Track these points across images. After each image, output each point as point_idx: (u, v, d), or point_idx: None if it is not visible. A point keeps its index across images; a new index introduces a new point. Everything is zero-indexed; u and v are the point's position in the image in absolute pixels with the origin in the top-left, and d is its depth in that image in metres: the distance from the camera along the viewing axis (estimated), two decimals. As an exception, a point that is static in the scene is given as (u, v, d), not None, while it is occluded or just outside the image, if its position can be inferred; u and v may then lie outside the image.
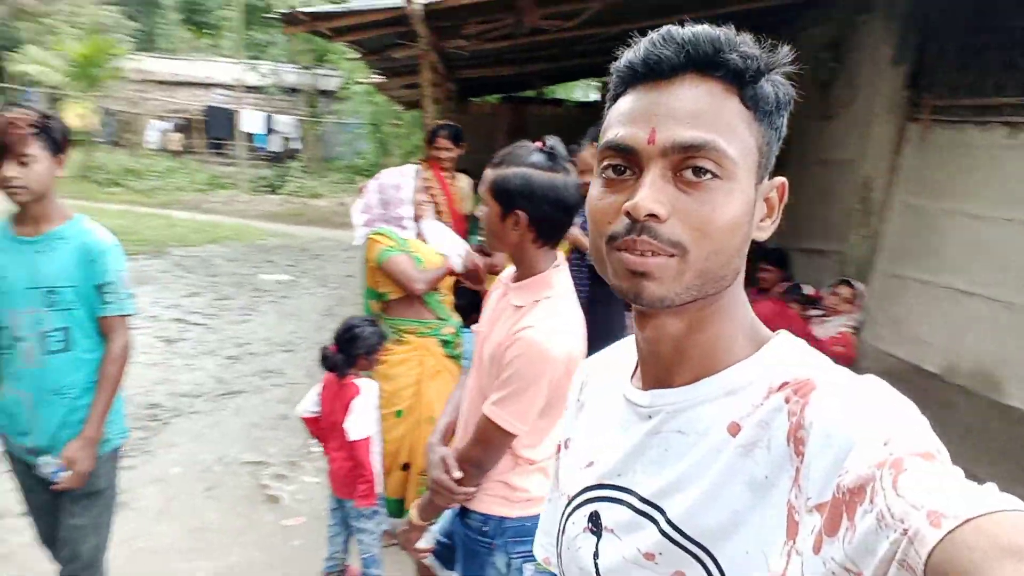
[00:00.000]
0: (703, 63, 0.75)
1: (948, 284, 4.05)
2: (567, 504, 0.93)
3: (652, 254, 0.73)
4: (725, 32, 0.76)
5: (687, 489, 0.76)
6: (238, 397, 5.69)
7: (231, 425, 5.14)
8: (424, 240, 3.55)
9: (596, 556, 0.85)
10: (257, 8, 22.18)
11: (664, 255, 0.73)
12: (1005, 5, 3.81)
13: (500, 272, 2.27)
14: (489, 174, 1.90)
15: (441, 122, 4.80)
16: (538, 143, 1.89)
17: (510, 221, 1.86)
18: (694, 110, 0.73)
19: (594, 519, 0.87)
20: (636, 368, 0.90)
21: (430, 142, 4.57)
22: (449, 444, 2.07)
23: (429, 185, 3.49)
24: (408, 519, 2.07)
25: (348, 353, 2.96)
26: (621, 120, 0.77)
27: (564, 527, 0.92)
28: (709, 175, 0.73)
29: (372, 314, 3.42)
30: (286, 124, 23.33)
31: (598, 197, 0.79)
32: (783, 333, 0.84)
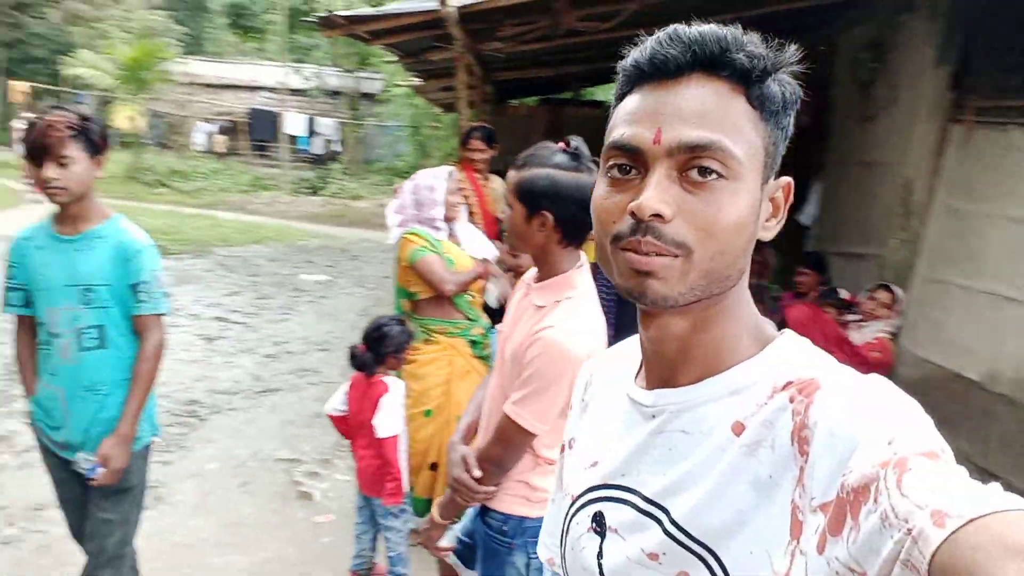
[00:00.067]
0: (709, 63, 0.74)
1: (990, 289, 3.94)
2: (571, 504, 0.92)
3: (657, 254, 0.72)
4: (732, 31, 0.76)
5: (691, 489, 0.76)
6: (275, 395, 5.79)
7: (267, 422, 5.23)
8: (457, 242, 3.58)
9: (600, 556, 0.85)
10: (301, 12, 22.54)
11: (668, 255, 0.72)
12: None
13: (524, 273, 2.27)
14: (513, 176, 1.91)
15: (475, 124, 4.83)
16: (561, 144, 1.89)
17: (536, 222, 1.86)
18: (700, 110, 0.73)
19: (598, 519, 0.86)
20: (640, 367, 0.90)
21: (464, 144, 4.60)
22: (471, 443, 2.08)
23: (462, 187, 3.51)
24: (430, 517, 2.08)
25: (377, 352, 2.99)
26: (627, 120, 0.77)
27: (568, 527, 0.92)
28: (715, 175, 0.72)
29: (402, 313, 3.45)
30: (328, 127, 23.63)
31: (603, 196, 0.78)
32: (788, 333, 0.84)
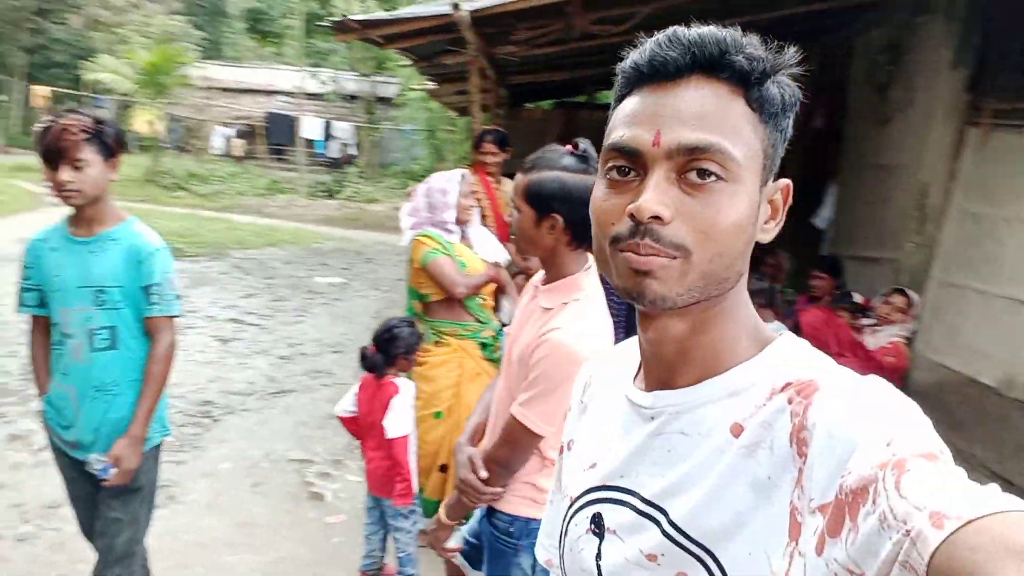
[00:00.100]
0: (709, 65, 0.74)
1: (1007, 294, 3.90)
2: (570, 506, 0.92)
3: (655, 255, 0.73)
4: (731, 33, 0.76)
5: (689, 490, 0.76)
6: (288, 396, 5.83)
7: (280, 423, 5.27)
8: (469, 245, 3.59)
9: (599, 557, 0.85)
10: (318, 17, 22.70)
11: (667, 257, 0.72)
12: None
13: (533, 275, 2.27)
14: (521, 179, 1.91)
15: (487, 127, 4.84)
16: (569, 146, 1.90)
17: (546, 225, 1.86)
18: (699, 112, 0.73)
19: (597, 520, 0.86)
20: (639, 369, 0.90)
21: (476, 147, 4.61)
22: (478, 445, 2.09)
23: (474, 190, 3.52)
24: (437, 518, 2.09)
25: (387, 353, 3.00)
26: (626, 121, 0.77)
27: (567, 529, 0.92)
28: (714, 177, 0.72)
29: (413, 314, 3.47)
30: (344, 130, 23.75)
31: (602, 198, 0.78)
32: (786, 334, 0.83)
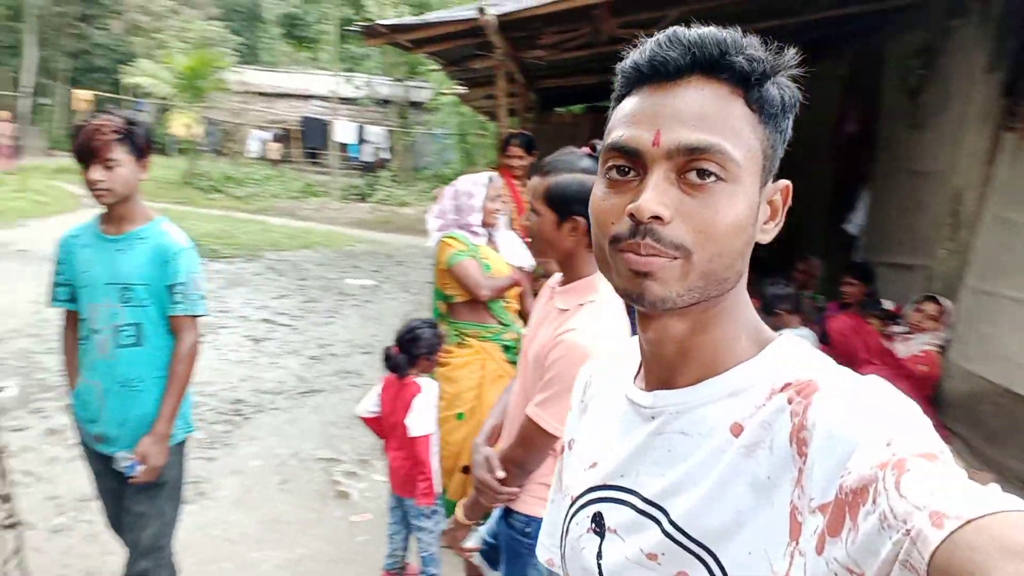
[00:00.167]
0: (709, 65, 0.75)
1: (1043, 303, 3.81)
2: (570, 505, 0.92)
3: (655, 256, 0.73)
4: (731, 34, 0.76)
5: (689, 490, 0.76)
6: (317, 396, 5.90)
7: (309, 422, 5.33)
8: (496, 248, 3.61)
9: (599, 557, 0.85)
10: (352, 22, 22.95)
11: (667, 257, 0.73)
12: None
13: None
14: (540, 182, 1.91)
15: (514, 131, 4.86)
16: (586, 148, 1.90)
17: (567, 227, 1.87)
18: (699, 112, 0.74)
19: (597, 520, 0.87)
20: (639, 369, 0.90)
21: (503, 150, 4.63)
22: (496, 445, 2.10)
23: (499, 193, 3.53)
24: (454, 518, 2.10)
25: (410, 353, 3.04)
26: (626, 121, 0.77)
27: (568, 528, 0.92)
28: (713, 177, 0.73)
29: (438, 314, 3.50)
30: (377, 135, 23.95)
31: (602, 198, 0.79)
32: (786, 334, 0.83)
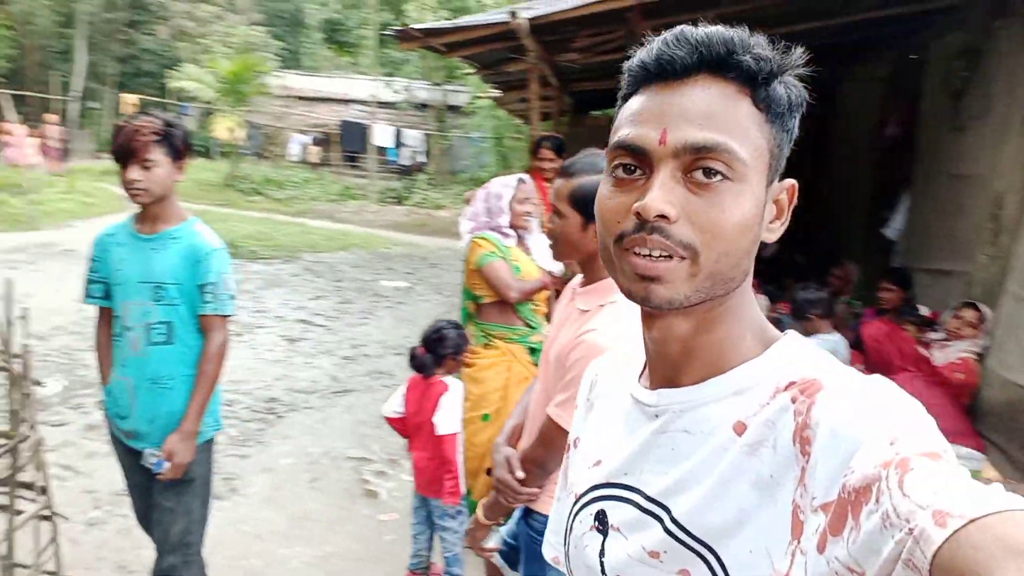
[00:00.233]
0: (716, 64, 0.75)
1: (1086, 310, 3.69)
2: (574, 503, 0.92)
3: (663, 258, 0.73)
4: (738, 33, 0.76)
5: (693, 488, 0.76)
6: (349, 395, 5.97)
7: (340, 421, 5.40)
8: (527, 251, 3.62)
9: (602, 554, 0.85)
10: (391, 27, 23.17)
11: (676, 257, 0.72)
12: None
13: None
14: (565, 184, 1.91)
15: (545, 133, 4.87)
16: (609, 149, 1.89)
17: (592, 229, 1.87)
18: (706, 111, 0.73)
19: (600, 517, 0.87)
20: (644, 367, 0.90)
21: (534, 153, 4.64)
22: (516, 446, 2.10)
23: (528, 196, 3.54)
24: (475, 518, 2.11)
25: (436, 353, 3.06)
26: (632, 120, 0.77)
27: (571, 525, 0.92)
28: (719, 176, 0.72)
29: (466, 314, 3.52)
30: (414, 138, 24.16)
31: (608, 197, 0.78)
32: (791, 333, 0.83)
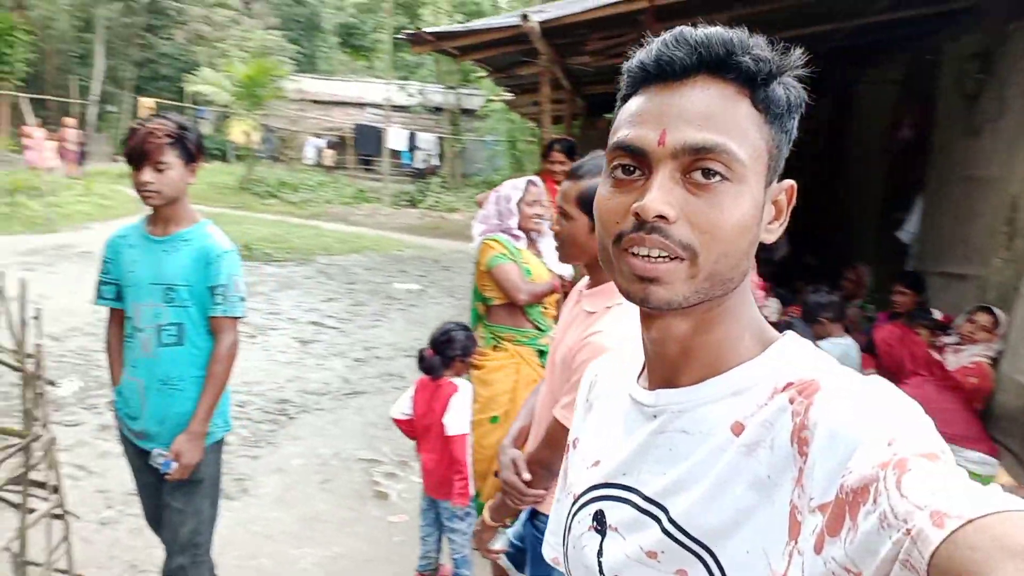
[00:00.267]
0: (715, 65, 0.75)
1: (1103, 315, 3.65)
2: (573, 503, 0.92)
3: (662, 259, 0.73)
4: (738, 34, 0.76)
5: (690, 488, 0.76)
6: (360, 397, 5.99)
7: (351, 423, 5.42)
8: (538, 254, 3.62)
9: (600, 554, 0.85)
10: (406, 31, 23.26)
11: (676, 258, 0.73)
12: None
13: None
14: (573, 186, 1.91)
15: (556, 136, 4.87)
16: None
17: None
18: (705, 112, 0.73)
19: (599, 518, 0.86)
20: (643, 368, 0.90)
21: (545, 156, 4.64)
22: (523, 447, 2.10)
23: (537, 199, 3.55)
24: (481, 519, 2.11)
25: (444, 355, 3.06)
26: (631, 121, 0.77)
27: (570, 526, 0.92)
28: (718, 177, 0.72)
29: (476, 315, 3.53)
30: (428, 141, 24.24)
31: (607, 197, 0.78)
32: (790, 334, 0.82)
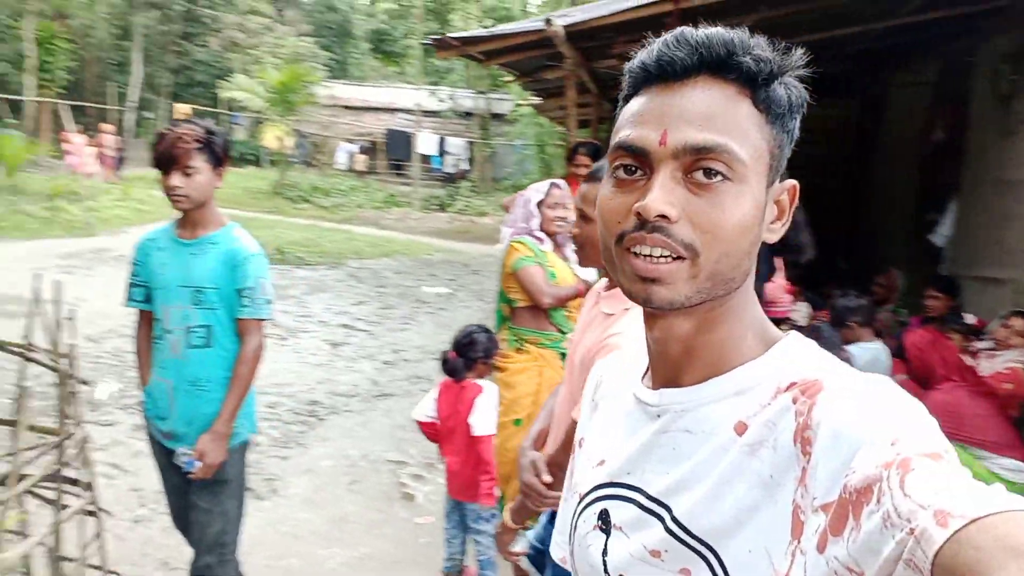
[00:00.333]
0: (716, 65, 0.75)
1: None
2: (579, 502, 0.93)
3: (664, 259, 0.73)
4: (738, 34, 0.76)
5: (693, 487, 0.76)
6: (389, 399, 6.05)
7: (380, 425, 5.47)
8: (564, 257, 3.63)
9: (605, 553, 0.86)
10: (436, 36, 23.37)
11: (677, 258, 0.73)
12: None
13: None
14: (591, 188, 1.91)
15: (581, 140, 4.87)
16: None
17: None
18: (706, 112, 0.74)
19: (603, 517, 0.87)
20: (647, 368, 0.91)
21: (570, 159, 4.64)
22: (542, 450, 2.11)
23: (559, 202, 3.55)
24: (501, 522, 2.12)
25: (467, 357, 3.08)
26: (633, 121, 0.78)
27: (576, 525, 0.93)
28: (720, 177, 0.73)
29: (501, 316, 3.54)
30: (457, 146, 24.34)
31: (608, 197, 0.79)
32: (793, 333, 0.82)
